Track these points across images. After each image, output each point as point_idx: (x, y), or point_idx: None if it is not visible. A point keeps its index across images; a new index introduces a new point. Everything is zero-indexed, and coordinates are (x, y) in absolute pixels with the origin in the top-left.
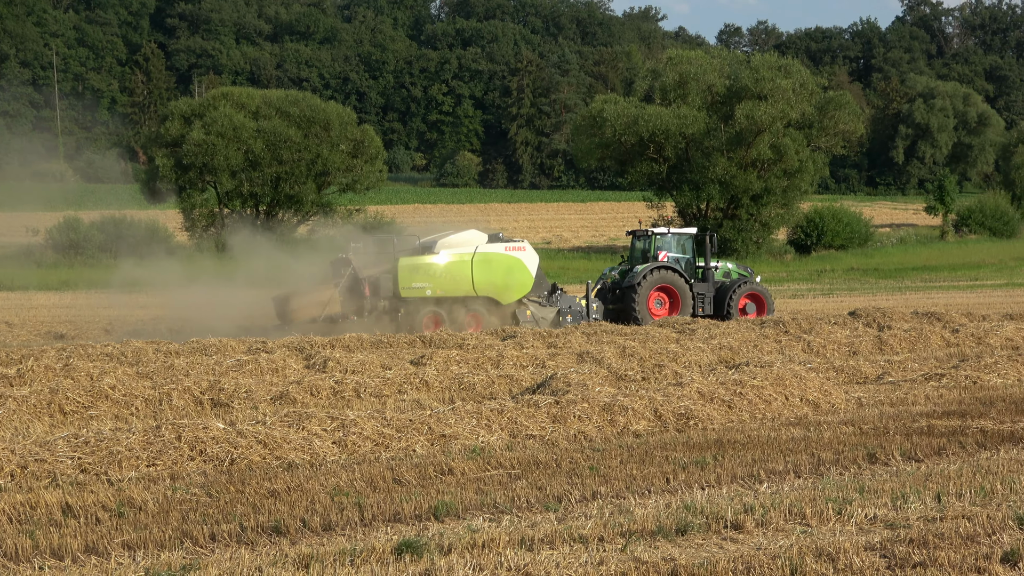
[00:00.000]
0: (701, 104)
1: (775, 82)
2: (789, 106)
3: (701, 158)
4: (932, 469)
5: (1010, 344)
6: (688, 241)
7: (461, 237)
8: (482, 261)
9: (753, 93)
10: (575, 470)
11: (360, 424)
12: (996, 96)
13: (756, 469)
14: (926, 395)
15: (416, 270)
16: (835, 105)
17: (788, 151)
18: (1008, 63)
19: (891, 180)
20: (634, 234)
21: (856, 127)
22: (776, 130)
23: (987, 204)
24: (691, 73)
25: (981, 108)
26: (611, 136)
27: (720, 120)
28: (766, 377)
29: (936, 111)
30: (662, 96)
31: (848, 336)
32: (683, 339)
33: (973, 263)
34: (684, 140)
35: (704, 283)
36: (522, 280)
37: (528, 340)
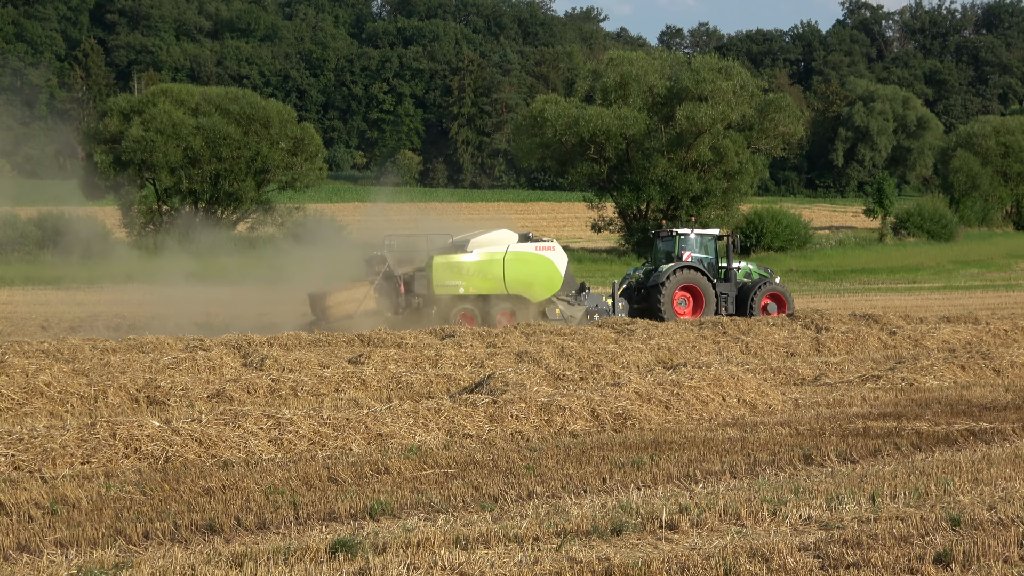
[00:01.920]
0: (642, 105)
1: (716, 84)
2: (729, 108)
3: (642, 159)
4: (867, 470)
5: (946, 346)
6: (711, 242)
7: (492, 236)
8: (513, 260)
9: (694, 95)
10: (512, 470)
11: (297, 423)
12: (935, 100)
13: (692, 469)
14: (862, 397)
15: (450, 268)
16: (775, 107)
17: (728, 153)
18: (947, 67)
19: (831, 182)
20: (657, 235)
21: (796, 129)
22: (716, 132)
23: (925, 207)
24: (632, 74)
25: (920, 112)
26: (552, 136)
27: (661, 121)
28: (704, 378)
29: (876, 114)
30: (603, 97)
31: (786, 337)
32: (622, 339)
33: (911, 266)
34: (625, 141)
35: (727, 283)
36: (552, 279)
37: (467, 339)
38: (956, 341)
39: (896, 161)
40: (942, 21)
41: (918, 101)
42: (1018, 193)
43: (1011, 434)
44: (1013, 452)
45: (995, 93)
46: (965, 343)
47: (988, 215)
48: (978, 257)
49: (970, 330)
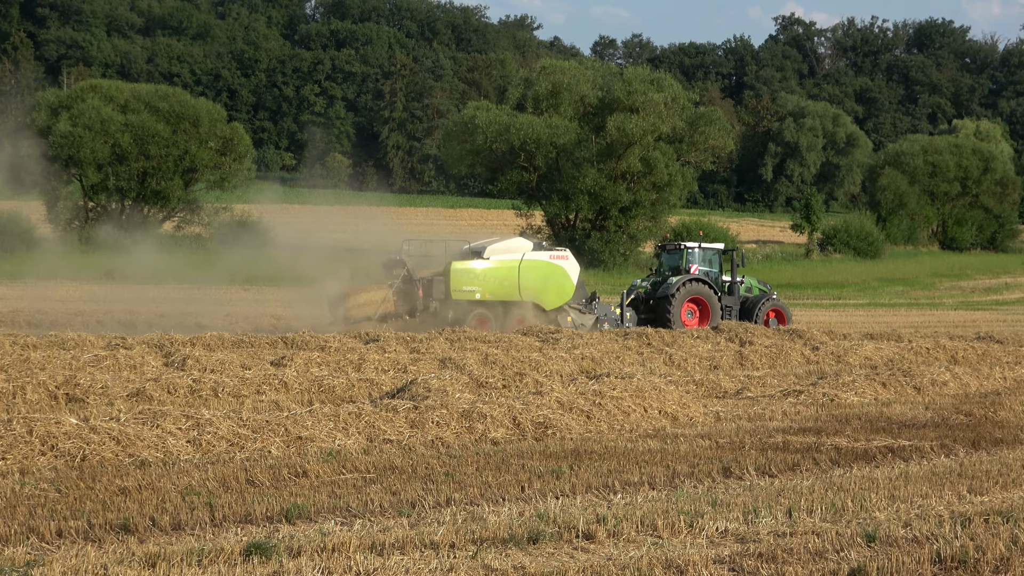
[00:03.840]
0: (573, 115)
1: (647, 95)
2: (660, 120)
3: (571, 168)
4: (785, 484)
5: (868, 363)
6: (715, 256)
7: (508, 244)
8: (528, 267)
9: (625, 105)
10: (431, 476)
11: (216, 423)
12: (865, 118)
13: (611, 480)
14: (783, 411)
15: (467, 274)
16: (706, 121)
17: (658, 164)
18: (878, 85)
19: (759, 197)
20: (664, 247)
21: (726, 143)
22: (647, 143)
23: (852, 224)
24: (564, 83)
25: (850, 129)
26: (482, 143)
27: (591, 131)
28: (626, 388)
29: (806, 130)
30: (534, 105)
31: (710, 350)
32: (546, 348)
33: (837, 282)
34: (555, 150)
35: (731, 296)
36: (564, 287)
37: (391, 344)
38: (878, 358)
39: (825, 177)
40: (874, 39)
41: (848, 118)
42: (944, 212)
43: (929, 452)
44: (930, 470)
45: (924, 112)
46: (887, 360)
47: (914, 234)
48: (903, 275)
49: (893, 347)
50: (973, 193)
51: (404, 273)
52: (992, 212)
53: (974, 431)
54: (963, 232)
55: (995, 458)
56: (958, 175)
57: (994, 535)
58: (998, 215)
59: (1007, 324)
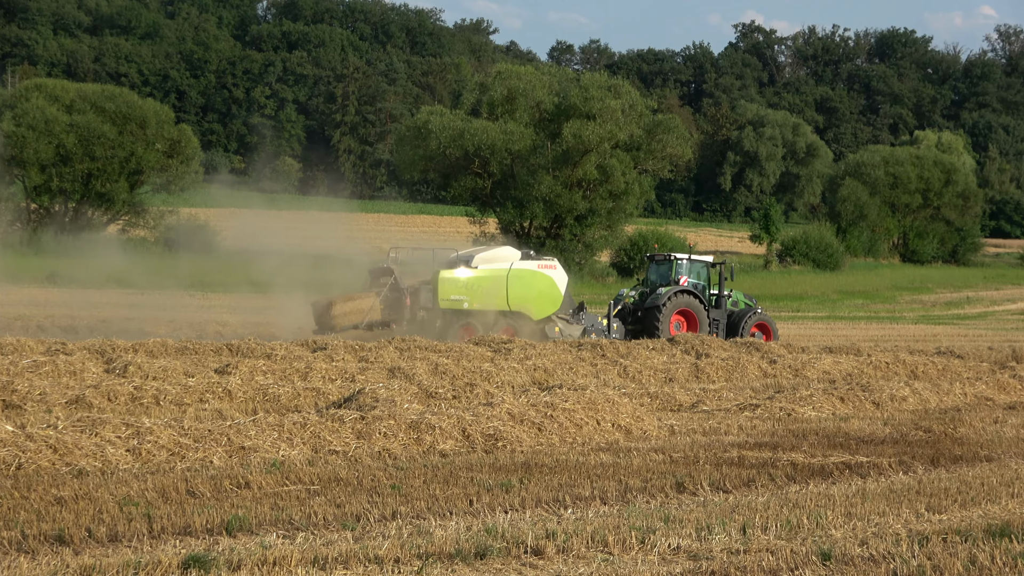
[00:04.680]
0: (529, 120)
1: (604, 102)
2: (617, 127)
3: (526, 175)
4: (740, 501)
5: (827, 377)
6: (703, 268)
7: (496, 253)
8: (516, 277)
9: (582, 112)
10: (377, 488)
11: (156, 432)
12: (826, 127)
13: (562, 494)
14: (739, 425)
15: (455, 283)
16: (664, 128)
17: (615, 172)
18: (839, 95)
19: (718, 207)
20: (653, 258)
21: (684, 151)
22: (603, 150)
23: (812, 235)
24: (520, 88)
25: (810, 139)
26: (436, 149)
27: (547, 138)
28: (578, 401)
29: (765, 139)
30: (489, 111)
31: (665, 362)
32: (498, 358)
33: (796, 294)
34: (510, 156)
35: (718, 309)
36: (552, 297)
37: (339, 352)
38: (837, 372)
39: (784, 187)
40: (835, 48)
41: (808, 128)
42: (905, 225)
43: (887, 468)
44: (888, 487)
45: (885, 123)
46: (846, 374)
47: (875, 246)
48: (863, 288)
49: (851, 361)
50: (935, 205)
51: (391, 281)
52: (954, 225)
53: (933, 448)
54: (924, 245)
55: (954, 476)
56: (920, 187)
57: (952, 555)
58: (960, 228)
59: (968, 339)
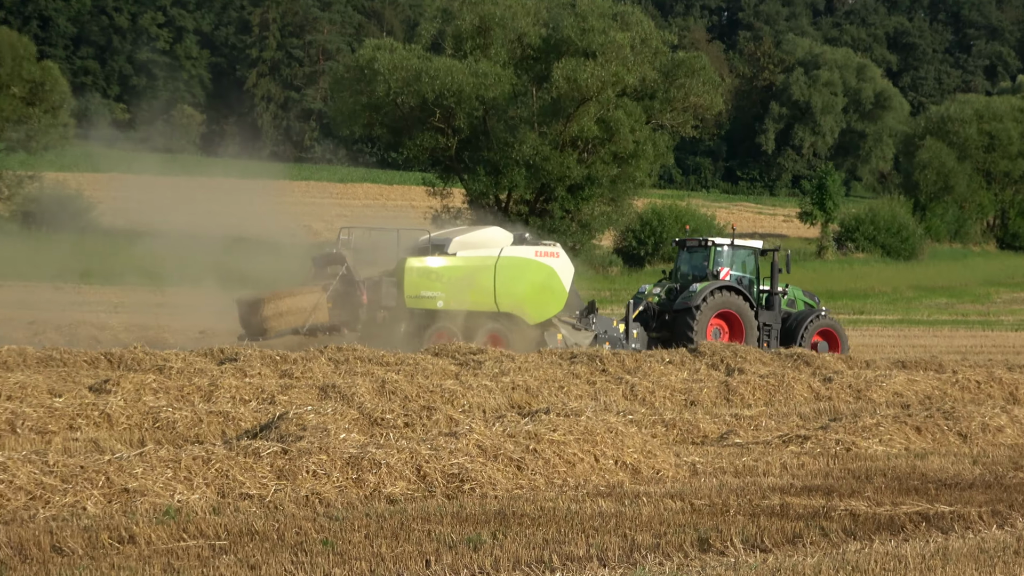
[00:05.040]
0: (508, 59)
1: (608, 35)
2: (625, 68)
3: (504, 132)
4: (782, 563)
5: (898, 401)
6: (751, 257)
7: (480, 236)
8: (507, 268)
9: (578, 48)
10: (303, 545)
11: (12, 469)
12: (901, 71)
13: (548, 553)
14: (783, 463)
15: (427, 275)
16: (686, 70)
17: (621, 128)
18: (918, 27)
19: (757, 175)
20: (683, 244)
21: (713, 101)
22: (606, 99)
23: (881, 213)
24: (496, 16)
25: (880, 85)
26: (384, 95)
27: (532, 82)
28: (571, 430)
29: (820, 86)
30: (455, 46)
31: (686, 380)
32: (465, 374)
33: (858, 290)
34: (482, 106)
35: (770, 311)
36: (554, 294)
37: (254, 365)
38: (911, 394)
39: (845, 150)
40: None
41: (878, 71)
42: (1004, 199)
43: (976, 521)
44: (978, 545)
45: (980, 65)
46: (923, 397)
47: (964, 227)
48: (948, 283)
49: (931, 380)
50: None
51: (342, 272)
52: None
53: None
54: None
55: None
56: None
57: None
58: None
59: None
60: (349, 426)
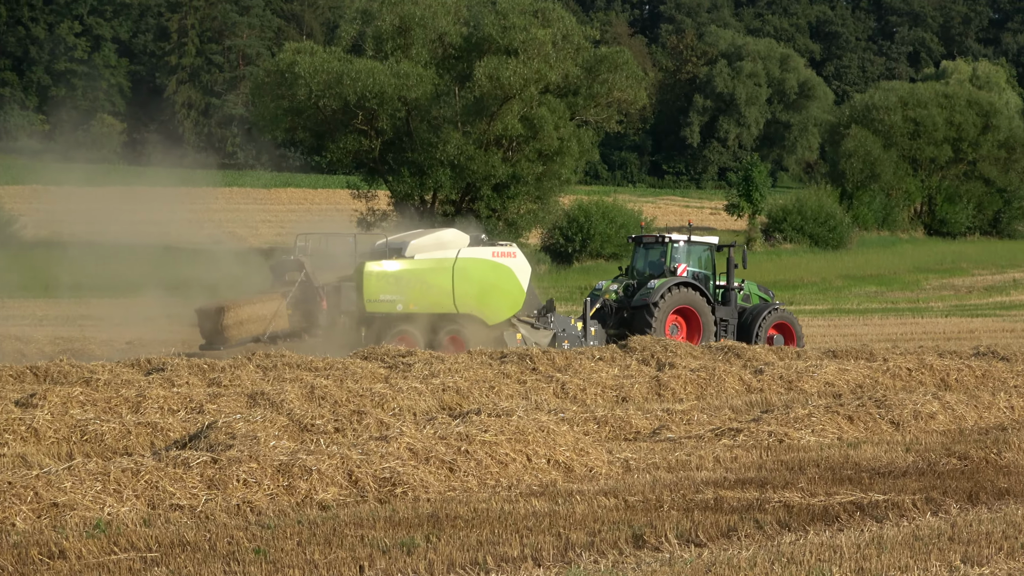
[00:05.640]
0: (429, 59)
1: (529, 32)
2: (548, 65)
3: (427, 132)
4: (717, 556)
5: (830, 390)
6: (706, 253)
7: (437, 238)
8: (465, 269)
9: (500, 46)
10: (235, 554)
11: None
12: (824, 60)
13: (483, 554)
14: (715, 457)
15: (385, 279)
16: (609, 66)
17: (545, 125)
18: (840, 16)
19: (683, 168)
20: (639, 240)
21: (637, 96)
22: (529, 97)
23: (808, 203)
24: (416, 16)
25: (804, 75)
26: (305, 99)
27: (455, 82)
28: (502, 430)
29: (744, 78)
30: (376, 47)
31: (616, 377)
32: (394, 377)
33: (788, 281)
34: (405, 107)
35: (726, 307)
36: (513, 295)
37: (181, 374)
38: (843, 383)
39: (770, 141)
40: None
41: (801, 61)
42: (930, 186)
43: (910, 508)
44: (912, 533)
45: (903, 52)
46: (855, 386)
47: (891, 215)
48: (876, 271)
49: (862, 369)
50: (970, 160)
51: (301, 278)
52: (995, 185)
53: (971, 480)
54: (956, 212)
55: (999, 516)
56: (949, 135)
57: None
58: (1003, 189)
59: (1016, 335)
60: (279, 433)
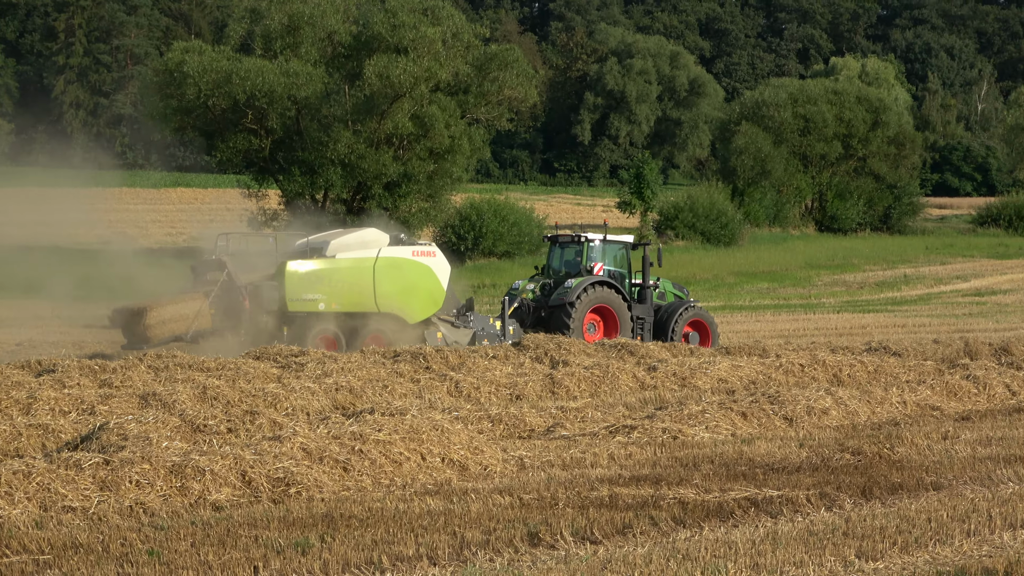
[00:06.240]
0: (319, 58)
1: (419, 30)
2: (438, 63)
3: (318, 131)
4: (613, 554)
5: (723, 387)
6: (622, 252)
7: (358, 237)
8: (386, 268)
9: (389, 44)
10: (129, 556)
11: None
12: (714, 57)
13: (378, 554)
14: (610, 454)
15: (307, 278)
16: (499, 64)
17: (436, 124)
18: (730, 13)
19: (574, 166)
20: (555, 240)
21: (528, 93)
22: (420, 95)
23: (699, 200)
24: (305, 15)
25: (694, 72)
26: (195, 98)
27: (344, 80)
28: (396, 429)
29: (634, 75)
30: (265, 46)
31: (510, 375)
32: (287, 377)
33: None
34: (295, 106)
35: (643, 305)
36: (433, 293)
37: (72, 375)
38: (736, 380)
39: (661, 138)
40: None
41: (691, 58)
42: (821, 182)
43: (804, 504)
44: (806, 528)
45: (792, 49)
46: (748, 382)
47: (782, 211)
48: (768, 267)
49: (755, 365)
50: (859, 156)
51: (223, 278)
52: (885, 181)
53: (864, 475)
54: (847, 208)
55: (892, 511)
56: (839, 131)
57: None
58: (893, 185)
59: (907, 330)
60: (171, 434)
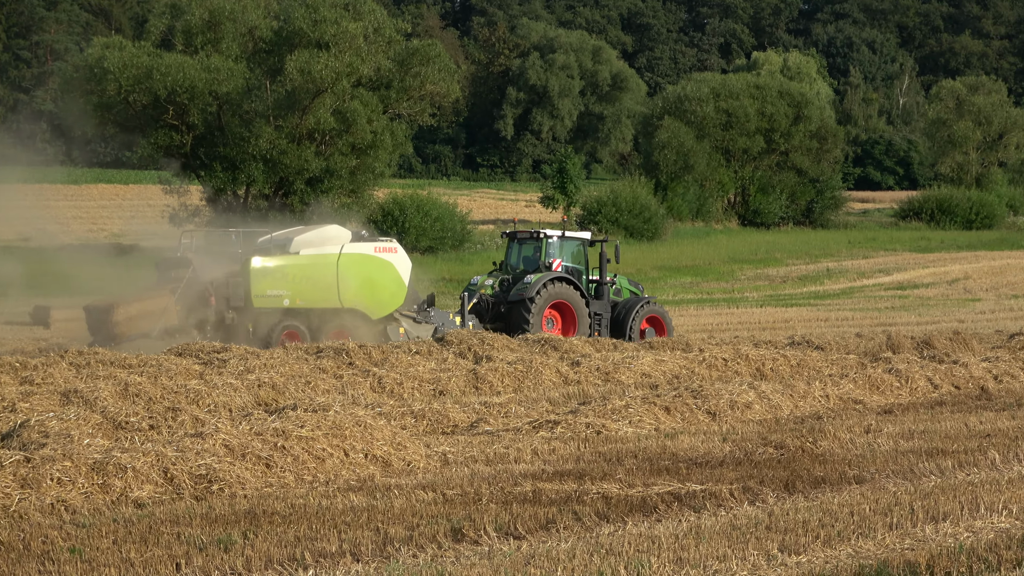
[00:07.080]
0: (240, 53)
1: (340, 25)
2: (359, 58)
3: (239, 126)
4: (536, 549)
5: (647, 381)
6: (579, 248)
7: (321, 234)
8: (349, 264)
9: (311, 39)
10: (50, 554)
11: None
12: (636, 51)
13: (300, 550)
14: (534, 449)
15: (271, 274)
16: (421, 59)
17: (358, 119)
18: (652, 8)
19: (497, 161)
20: (514, 236)
21: (450, 88)
22: (342, 90)
23: (622, 195)
24: (225, 10)
25: (617, 67)
26: (115, 94)
27: (266, 75)
28: (319, 425)
29: (557, 70)
30: (186, 41)
31: (434, 370)
32: (209, 373)
33: None
34: (216, 101)
35: (600, 301)
36: (395, 290)
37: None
38: (659, 374)
39: (584, 133)
40: None
41: (613, 53)
42: (744, 177)
43: (727, 498)
44: (729, 522)
45: (714, 43)
46: (671, 377)
47: (705, 206)
48: (691, 262)
49: (678, 359)
50: (782, 150)
51: (189, 275)
52: (807, 175)
53: (787, 469)
54: (770, 202)
55: (815, 504)
56: (761, 126)
57: None
58: (815, 179)
59: (830, 324)
60: (93, 431)
